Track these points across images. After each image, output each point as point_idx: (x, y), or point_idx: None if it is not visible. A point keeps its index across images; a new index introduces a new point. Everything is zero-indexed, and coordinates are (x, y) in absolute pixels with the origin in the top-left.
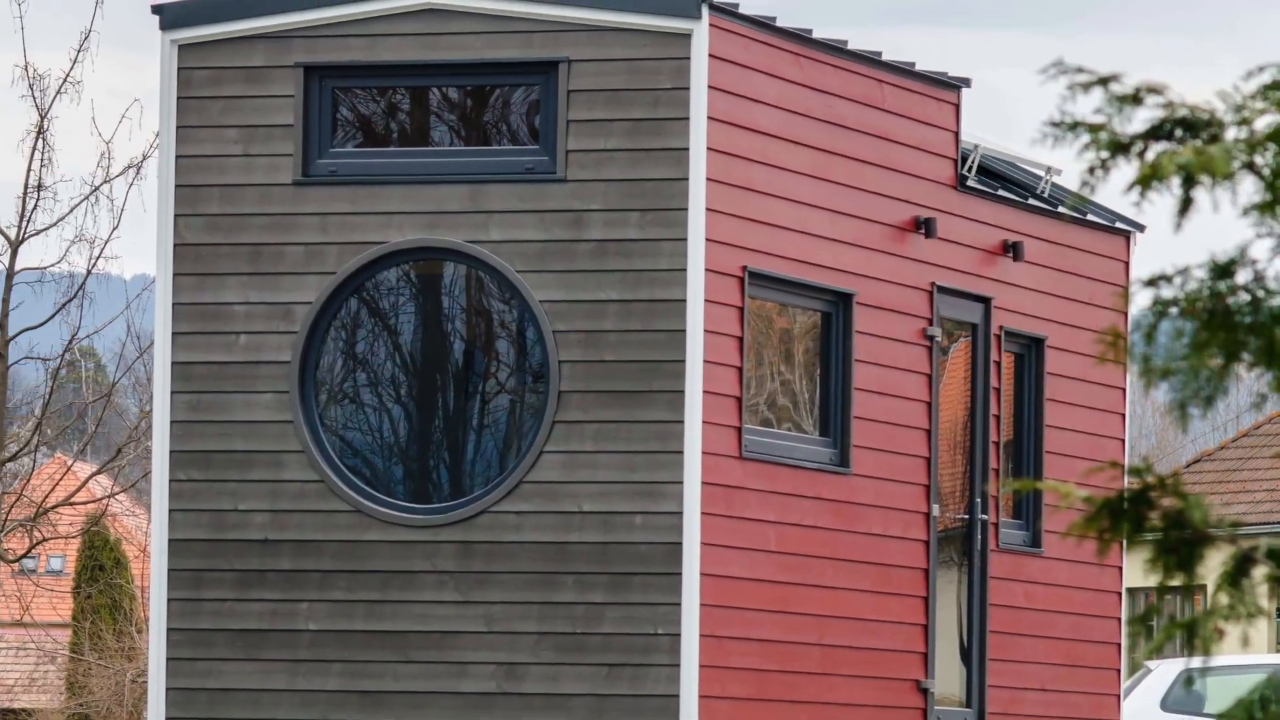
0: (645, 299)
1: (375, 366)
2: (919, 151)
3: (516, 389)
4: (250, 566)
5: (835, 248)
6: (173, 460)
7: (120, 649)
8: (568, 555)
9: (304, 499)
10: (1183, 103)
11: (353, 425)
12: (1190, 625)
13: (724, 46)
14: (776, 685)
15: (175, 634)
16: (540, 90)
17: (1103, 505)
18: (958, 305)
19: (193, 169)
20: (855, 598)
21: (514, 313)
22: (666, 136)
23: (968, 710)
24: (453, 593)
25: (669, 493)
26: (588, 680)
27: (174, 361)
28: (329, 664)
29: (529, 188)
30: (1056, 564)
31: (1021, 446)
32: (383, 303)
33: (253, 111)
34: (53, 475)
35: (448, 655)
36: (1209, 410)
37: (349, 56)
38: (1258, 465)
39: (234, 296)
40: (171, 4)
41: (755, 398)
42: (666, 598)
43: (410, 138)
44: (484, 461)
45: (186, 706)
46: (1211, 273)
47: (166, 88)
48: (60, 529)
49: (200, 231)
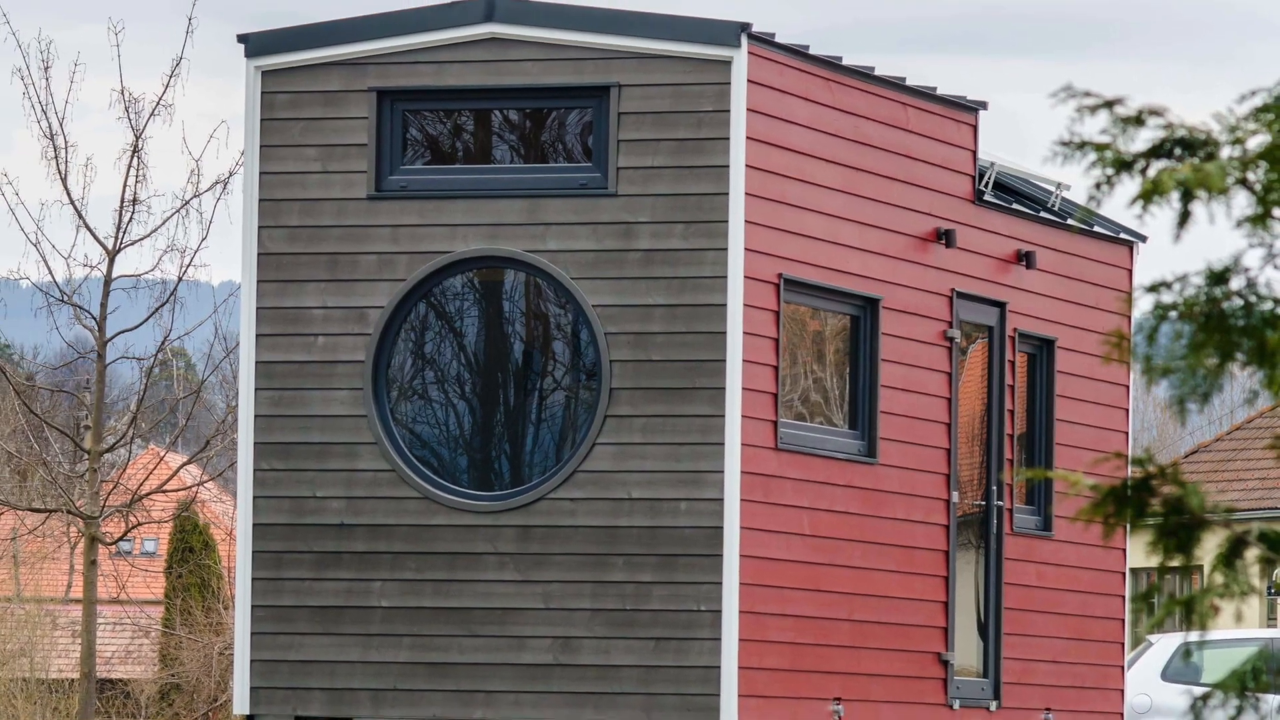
0: (689, 304)
1: (442, 365)
2: (940, 169)
3: (571, 386)
4: (327, 548)
5: (863, 257)
6: (256, 451)
7: (208, 624)
8: (618, 538)
9: (376, 487)
10: (1181, 124)
11: (421, 419)
12: (1188, 602)
13: (761, 72)
14: (809, 657)
15: (259, 610)
16: (593, 112)
17: (1108, 493)
18: (975, 309)
19: (275, 185)
20: (881, 577)
21: (569, 316)
22: (709, 155)
23: (984, 680)
24: (513, 572)
25: (711, 481)
26: (636, 653)
27: (258, 361)
28: (399, 638)
29: (583, 201)
30: (1066, 546)
31: (1034, 439)
32: (449, 307)
33: (330, 132)
34: (147, 465)
35: (508, 630)
36: (1205, 406)
37: (418, 81)
38: (1250, 456)
39: (313, 301)
40: (256, 33)
41: (790, 394)
42: (709, 577)
43: (474, 156)
44: (541, 452)
45: (269, 677)
46: (1208, 280)
47: (251, 110)
48: (154, 514)
49: (282, 242)
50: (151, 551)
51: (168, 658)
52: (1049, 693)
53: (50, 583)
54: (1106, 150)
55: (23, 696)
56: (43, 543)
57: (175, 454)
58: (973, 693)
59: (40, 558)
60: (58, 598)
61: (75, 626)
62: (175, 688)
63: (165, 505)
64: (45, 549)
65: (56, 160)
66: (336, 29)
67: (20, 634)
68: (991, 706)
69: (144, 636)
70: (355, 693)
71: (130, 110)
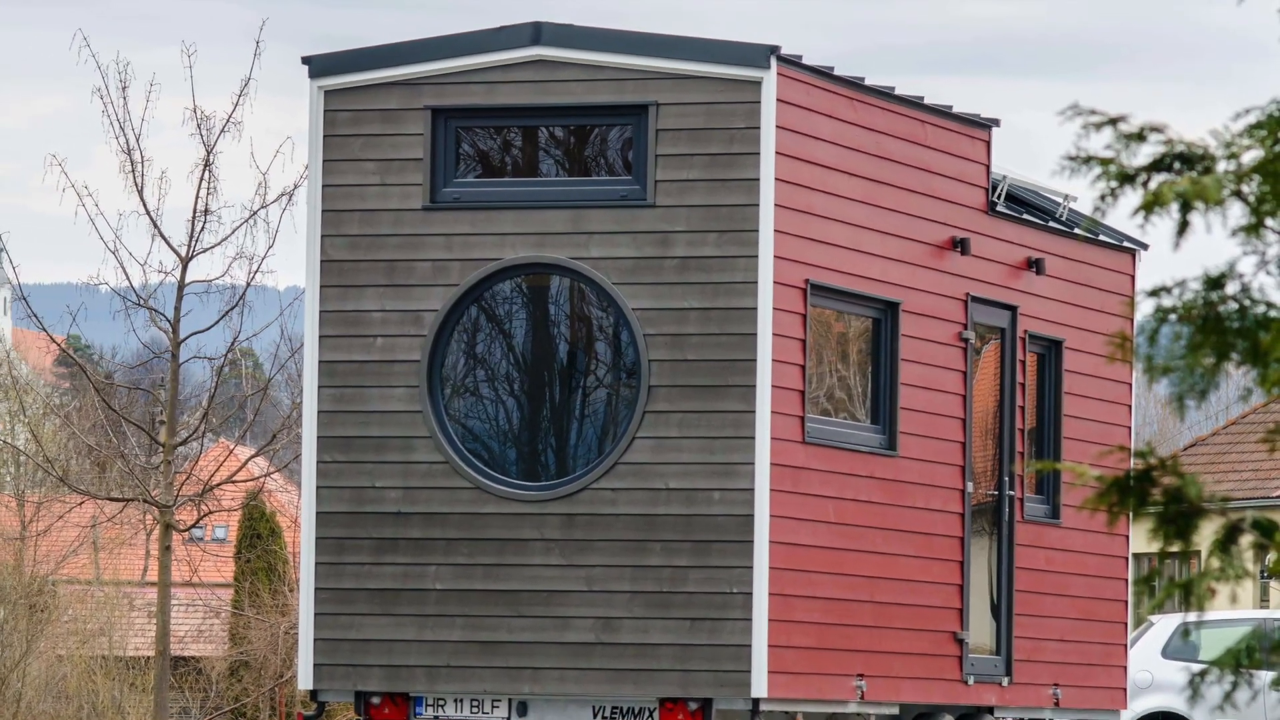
0: (722, 307)
1: (492, 364)
2: (955, 181)
3: (612, 384)
4: (385, 535)
5: (884, 263)
6: (319, 444)
7: (275, 605)
8: (656, 525)
9: (431, 477)
10: (1181, 140)
11: (473, 415)
12: (1187, 585)
13: (789, 92)
14: (834, 636)
15: (322, 592)
16: (633, 129)
17: (1112, 483)
18: (988, 312)
19: (336, 196)
20: (901, 562)
21: (610, 319)
22: (740, 168)
23: (997, 657)
24: (558, 557)
25: (742, 472)
26: (673, 632)
27: (321, 360)
28: (453, 618)
29: (623, 212)
30: (1073, 533)
31: (1043, 433)
32: (498, 310)
33: (388, 147)
34: (217, 457)
35: (554, 611)
36: (1203, 402)
37: (470, 100)
38: (1245, 449)
39: (372, 305)
40: (319, 56)
41: (816, 391)
42: (740, 561)
43: (522, 169)
44: (585, 445)
45: (331, 654)
46: (1205, 285)
47: (315, 127)
48: (224, 503)
49: (343, 249)
50: (222, 538)
51: (237, 636)
52: (1057, 669)
53: (127, 567)
54: (1111, 164)
55: (102, 672)
56: (120, 530)
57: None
58: (986, 669)
59: (118, 544)
60: (134, 581)
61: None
62: (244, 664)
63: (234, 495)
64: (123, 535)
65: (133, 174)
66: (394, 51)
67: (100, 614)
68: (1004, 682)
69: (214, 617)
70: (411, 669)
71: (202, 127)
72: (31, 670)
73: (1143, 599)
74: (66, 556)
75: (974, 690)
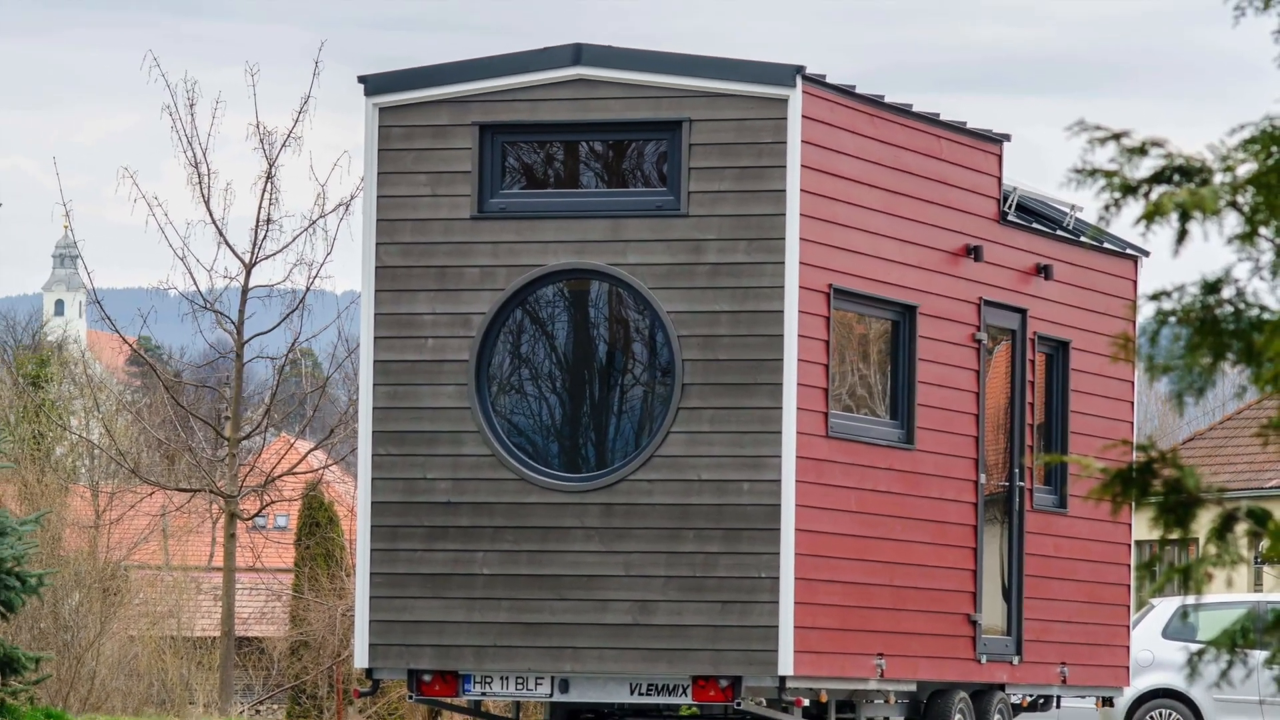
0: (751, 310)
1: (535, 364)
2: (969, 192)
3: (648, 382)
4: (436, 523)
5: (902, 269)
6: (374, 438)
7: (332, 589)
8: (689, 514)
9: (479, 469)
10: (1180, 154)
11: (518, 410)
12: (1186, 570)
13: (814, 109)
14: (856, 618)
15: (376, 577)
16: (667, 143)
17: (1116, 475)
18: (1000, 315)
19: (390, 206)
20: (918, 548)
21: (646, 321)
22: (768, 180)
23: (1008, 638)
24: (597, 544)
25: (770, 464)
26: (705, 614)
27: (375, 360)
28: (499, 601)
29: (658, 221)
30: (1079, 521)
31: (1051, 428)
32: (542, 313)
33: (438, 161)
34: (279, 450)
35: (593, 594)
36: (1200, 399)
37: (515, 117)
38: (1240, 443)
39: (423, 308)
40: (374, 75)
41: (838, 389)
42: (768, 548)
43: (563, 181)
44: (622, 439)
45: (385, 635)
46: (1202, 289)
47: (370, 142)
48: (285, 493)
49: (396, 256)
50: (283, 526)
51: (297, 618)
52: (1064, 649)
53: (195, 553)
54: (1114, 177)
55: (171, 652)
56: (188, 518)
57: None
58: (998, 649)
59: (186, 531)
60: (201, 566)
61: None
62: (303, 644)
63: (295, 485)
64: (190, 524)
65: (200, 186)
66: (444, 71)
67: (169, 598)
68: (1014, 661)
69: (276, 600)
70: (460, 649)
71: (264, 142)
72: (105, 650)
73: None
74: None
75: (986, 668)
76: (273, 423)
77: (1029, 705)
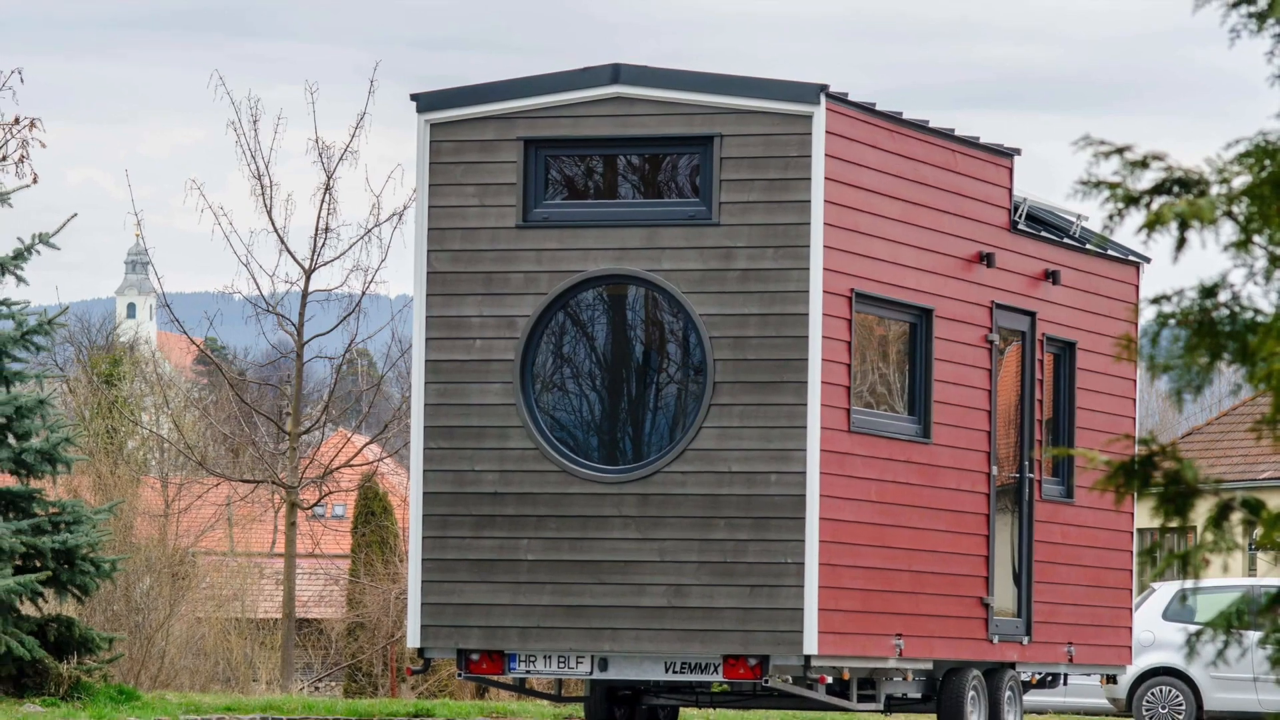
0: (778, 313)
1: (576, 363)
2: (982, 203)
3: (682, 380)
4: (483, 512)
5: (919, 275)
6: (426, 433)
7: (387, 574)
8: (720, 504)
9: (524, 462)
10: (1179, 167)
11: (560, 407)
12: (1184, 556)
13: (837, 124)
14: (876, 601)
15: (428, 563)
16: (700, 157)
17: (1119, 467)
18: (1011, 318)
19: (441, 216)
20: (935, 536)
21: (680, 323)
22: (794, 192)
23: (1018, 619)
24: (634, 532)
25: (796, 457)
26: (735, 597)
27: (427, 359)
28: (542, 585)
29: (692, 230)
30: (1085, 510)
31: (1058, 423)
32: (582, 316)
33: (485, 173)
34: (336, 444)
35: (630, 579)
36: (1198, 396)
37: (558, 132)
38: (1235, 438)
39: (472, 311)
40: (425, 93)
41: (860, 387)
42: (794, 535)
43: (603, 192)
44: (657, 434)
45: (436, 616)
46: (1200, 294)
47: (422, 155)
48: (342, 484)
49: (446, 262)
50: (340, 515)
51: (353, 601)
52: (1071, 630)
53: (258, 540)
54: (1118, 188)
55: (235, 633)
56: (251, 508)
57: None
58: (1009, 630)
59: (249, 520)
60: (264, 552)
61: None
62: (359, 626)
63: (351, 477)
64: (253, 513)
65: (263, 196)
66: (491, 90)
67: (233, 582)
68: (1024, 641)
69: (334, 584)
70: (506, 630)
71: (323, 155)
72: (174, 631)
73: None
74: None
75: (998, 648)
76: (331, 418)
77: (1038, 683)
